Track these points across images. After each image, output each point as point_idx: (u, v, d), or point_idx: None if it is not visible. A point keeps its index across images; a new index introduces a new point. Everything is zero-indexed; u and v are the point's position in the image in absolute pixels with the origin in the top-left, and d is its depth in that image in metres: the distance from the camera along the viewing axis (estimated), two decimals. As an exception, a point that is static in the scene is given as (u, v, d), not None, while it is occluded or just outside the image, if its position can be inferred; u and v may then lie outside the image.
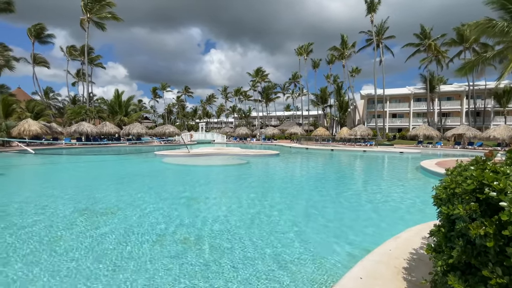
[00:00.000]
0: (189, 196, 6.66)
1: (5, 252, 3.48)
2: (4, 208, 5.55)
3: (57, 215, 5.07)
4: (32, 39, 38.65)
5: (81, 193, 7.06)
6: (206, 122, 70.54)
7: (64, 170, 12.38)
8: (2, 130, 22.85)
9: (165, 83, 74.85)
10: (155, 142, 32.83)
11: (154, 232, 4.20)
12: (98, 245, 3.72)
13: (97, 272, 2.99)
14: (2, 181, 8.76)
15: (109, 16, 34.87)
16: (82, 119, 31.85)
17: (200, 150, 19.13)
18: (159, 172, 11.70)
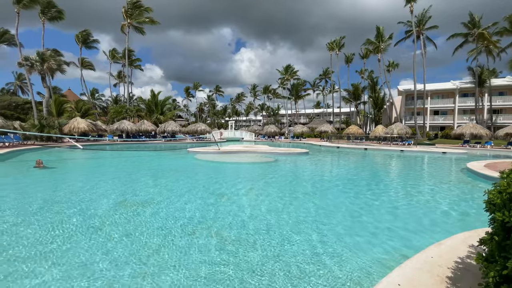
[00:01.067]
0: (220, 192, 6.86)
1: (66, 231, 3.92)
2: (56, 196, 6.24)
3: (101, 204, 5.57)
4: (79, 45, 42.57)
5: (122, 185, 7.66)
6: (235, 120, 71.75)
7: (107, 164, 13.49)
8: (55, 128, 25.58)
9: (197, 83, 77.65)
10: (188, 140, 34.27)
11: (187, 224, 4.41)
12: (135, 231, 4.02)
13: (134, 254, 3.24)
14: (55, 173, 9.84)
15: (147, 21, 37.06)
16: (123, 118, 34.40)
17: (230, 148, 19.55)
18: (192, 168, 12.21)
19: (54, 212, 5.07)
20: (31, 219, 4.66)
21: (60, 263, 3.12)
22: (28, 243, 3.65)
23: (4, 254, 3.32)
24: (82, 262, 3.15)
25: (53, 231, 4.09)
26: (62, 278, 2.83)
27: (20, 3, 28.00)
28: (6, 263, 3.11)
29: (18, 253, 3.36)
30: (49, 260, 3.19)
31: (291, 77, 53.10)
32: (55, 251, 3.42)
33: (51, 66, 29.15)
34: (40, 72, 29.20)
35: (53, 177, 8.84)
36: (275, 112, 71.20)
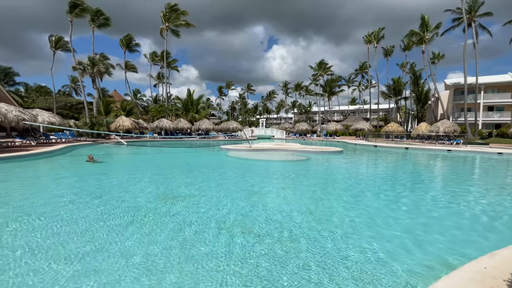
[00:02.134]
0: (252, 189, 6.95)
1: (112, 219, 4.33)
2: (104, 187, 6.88)
3: (144, 196, 6.01)
4: (123, 49, 46.10)
5: (162, 179, 8.19)
6: (266, 118, 71.87)
7: (149, 159, 14.50)
8: (104, 125, 28.16)
9: (230, 82, 79.24)
10: (220, 137, 35.26)
11: (222, 219, 4.56)
12: (171, 223, 4.26)
13: (171, 244, 3.44)
14: (104, 166, 10.84)
15: (183, 23, 38.77)
16: (162, 116, 36.62)
17: (261, 145, 19.68)
18: (224, 164, 12.56)
19: (103, 201, 5.60)
20: (89, 204, 5.21)
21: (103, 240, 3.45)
22: (89, 221, 4.09)
23: (76, 226, 3.77)
24: (126, 243, 3.44)
25: (103, 215, 4.53)
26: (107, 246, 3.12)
27: (73, 13, 31.22)
28: (80, 230, 3.53)
29: (85, 226, 3.79)
30: (100, 233, 3.55)
31: (324, 73, 51.30)
32: (100, 231, 3.79)
33: (100, 69, 32.06)
34: (91, 75, 32.30)
35: (103, 171, 9.76)
36: (307, 110, 69.73)
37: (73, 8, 31.23)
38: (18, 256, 3.19)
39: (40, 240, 3.62)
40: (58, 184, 7.54)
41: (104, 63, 33.41)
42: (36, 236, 3.76)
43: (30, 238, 3.69)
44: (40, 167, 10.73)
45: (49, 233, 3.88)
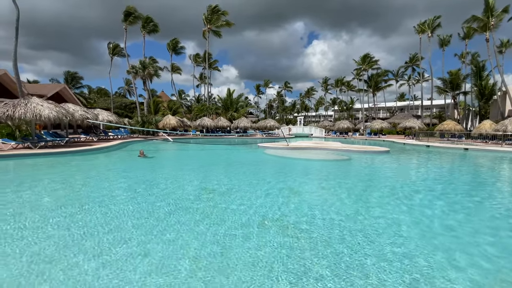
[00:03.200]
0: (289, 188, 6.89)
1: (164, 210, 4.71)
2: (153, 180, 7.49)
3: (188, 188, 6.40)
4: (170, 52, 49.31)
5: (204, 174, 8.61)
6: (304, 116, 70.50)
7: (192, 155, 15.37)
8: (153, 123, 30.62)
9: (268, 80, 79.36)
10: (258, 135, 35.64)
11: (260, 215, 4.62)
12: (211, 215, 4.45)
13: (213, 237, 3.60)
14: (153, 161, 11.80)
15: (224, 23, 39.97)
16: (204, 115, 38.40)
17: (298, 144, 19.37)
18: (262, 162, 12.68)
19: (153, 193, 6.12)
20: (141, 194, 5.76)
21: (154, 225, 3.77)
22: (144, 209, 4.53)
23: (133, 212, 4.23)
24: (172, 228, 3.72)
25: (155, 204, 4.96)
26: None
27: (127, 21, 34.52)
28: (136, 216, 3.95)
29: (138, 212, 4.21)
30: (151, 218, 3.89)
31: (369, 67, 48.01)
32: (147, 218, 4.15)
33: (150, 72, 34.88)
34: (142, 77, 35.36)
35: (152, 165, 10.65)
36: (349, 106, 66.40)
37: (127, 16, 34.49)
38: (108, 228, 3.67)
39: (120, 218, 4.11)
40: (117, 175, 8.46)
41: (153, 66, 36.24)
42: (117, 214, 4.28)
43: (110, 215, 4.22)
44: (101, 160, 12.15)
45: (126, 213, 4.39)
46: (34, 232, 3.78)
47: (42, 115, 13.72)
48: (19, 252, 3.19)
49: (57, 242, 3.46)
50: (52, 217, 4.37)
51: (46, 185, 6.91)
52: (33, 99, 14.23)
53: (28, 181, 7.30)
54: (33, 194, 5.94)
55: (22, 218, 4.32)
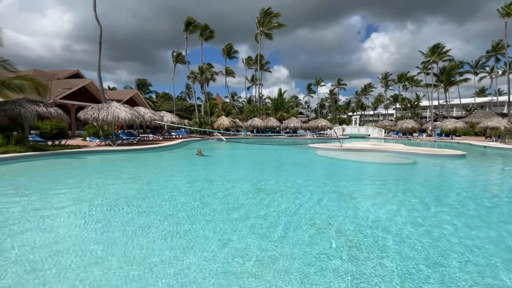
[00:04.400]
0: (341, 191, 6.56)
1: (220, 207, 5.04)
2: (211, 177, 8.01)
3: (240, 186, 6.67)
4: (224, 56, 51.97)
5: (256, 173, 8.85)
6: (360, 115, 65.81)
7: (243, 154, 15.94)
8: (209, 124, 32.76)
9: (319, 78, 76.89)
10: (308, 135, 34.82)
11: (309, 216, 4.53)
12: (261, 213, 4.54)
13: (259, 233, 3.67)
14: (209, 159, 12.62)
15: (276, 25, 40.25)
16: (255, 116, 39.39)
17: (353, 145, 18.22)
18: (313, 163, 12.37)
19: (211, 188, 6.57)
20: (199, 190, 6.26)
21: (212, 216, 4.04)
22: (200, 202, 4.94)
23: (194, 203, 4.68)
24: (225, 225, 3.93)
25: (211, 198, 5.33)
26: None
27: (187, 30, 37.67)
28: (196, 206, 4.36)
29: (200, 202, 4.62)
30: (206, 208, 4.19)
31: (440, 58, 41.85)
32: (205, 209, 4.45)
33: (207, 76, 37.43)
34: (200, 82, 38.18)
35: (209, 163, 11.43)
36: (413, 104, 59.45)
37: (187, 26, 37.66)
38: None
39: (191, 207, 4.61)
40: (179, 171, 9.35)
41: (210, 71, 38.80)
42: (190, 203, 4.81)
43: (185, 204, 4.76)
44: (166, 156, 13.58)
45: (194, 205, 4.89)
46: (129, 201, 4.46)
47: (120, 117, 16.03)
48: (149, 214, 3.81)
49: (157, 206, 4.02)
50: (143, 197, 5.10)
51: (126, 175, 8.08)
52: (112, 104, 16.74)
53: (119, 170, 8.64)
54: (123, 179, 7.01)
55: (129, 192, 5.16)
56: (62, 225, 4.04)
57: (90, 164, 10.66)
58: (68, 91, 24.48)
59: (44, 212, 4.61)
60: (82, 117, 15.89)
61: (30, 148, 11.45)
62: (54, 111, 13.28)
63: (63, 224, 4.10)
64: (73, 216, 4.42)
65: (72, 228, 3.94)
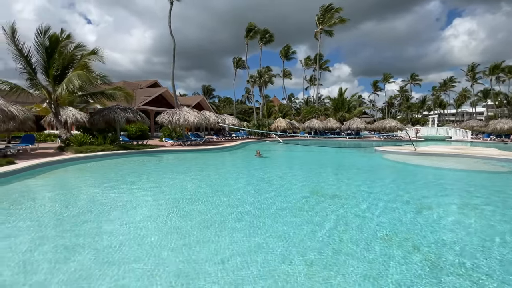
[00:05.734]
0: (416, 202, 5.80)
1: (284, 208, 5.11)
2: (266, 179, 8.14)
3: (299, 188, 6.59)
4: (282, 58, 52.18)
5: (314, 176, 8.62)
6: (438, 114, 57.19)
7: (301, 156, 15.70)
8: (266, 126, 33.39)
9: (388, 74, 69.84)
10: (373, 137, 32.04)
11: (376, 226, 4.15)
12: (321, 221, 4.36)
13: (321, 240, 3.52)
14: (268, 160, 12.85)
15: (337, 21, 38.44)
16: (313, 117, 38.36)
17: (430, 149, 15.91)
18: (379, 168, 11.31)
19: (269, 190, 6.69)
20: (264, 188, 6.47)
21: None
22: (274, 201, 5.12)
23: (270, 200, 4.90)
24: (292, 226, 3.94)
25: (278, 196, 5.44)
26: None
27: (248, 36, 39.20)
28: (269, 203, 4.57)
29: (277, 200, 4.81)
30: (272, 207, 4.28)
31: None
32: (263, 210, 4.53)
33: (265, 80, 38.30)
34: (258, 85, 39.32)
35: (267, 164, 11.67)
36: (511, 100, 48.57)
37: (248, 32, 39.25)
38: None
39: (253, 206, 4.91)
40: (240, 172, 9.83)
41: (268, 74, 39.63)
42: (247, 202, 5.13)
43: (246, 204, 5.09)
44: (228, 157, 14.43)
45: (248, 206, 5.17)
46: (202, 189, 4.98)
47: (189, 121, 17.77)
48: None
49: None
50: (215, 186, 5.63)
51: (197, 171, 8.94)
52: (183, 109, 18.66)
53: (193, 166, 9.69)
54: (196, 175, 7.83)
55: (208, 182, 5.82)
56: (154, 204, 4.77)
57: (165, 161, 12.13)
58: (148, 98, 28.44)
59: (140, 192, 6.19)
60: (159, 120, 18.26)
61: (120, 147, 13.70)
62: (138, 116, 15.60)
63: (155, 203, 4.88)
64: (160, 195, 5.57)
65: (161, 202, 5.07)
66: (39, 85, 13.15)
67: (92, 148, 12.43)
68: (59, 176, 8.22)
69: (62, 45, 13.15)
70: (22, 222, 4.27)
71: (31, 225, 4.18)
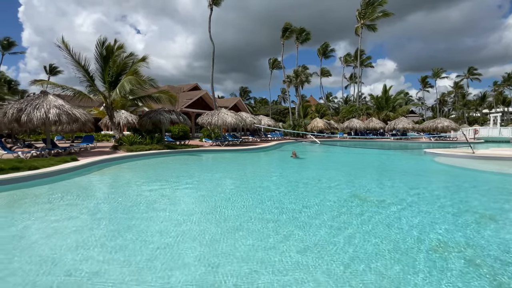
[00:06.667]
0: (476, 211, 5.13)
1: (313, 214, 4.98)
2: (305, 180, 7.96)
3: (337, 192, 6.32)
4: (320, 57, 50.77)
5: (354, 179, 8.18)
6: (501, 112, 50.05)
7: (339, 158, 15.07)
8: (302, 126, 32.78)
9: (439, 68, 63.13)
10: (422, 139, 29.34)
11: (426, 235, 3.76)
12: (363, 226, 4.09)
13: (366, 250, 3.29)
14: (304, 162, 12.60)
15: (380, 15, 36.07)
16: (353, 116, 36.57)
17: (492, 151, 13.98)
18: (430, 172, 10.31)
19: (304, 191, 6.56)
20: (293, 191, 6.39)
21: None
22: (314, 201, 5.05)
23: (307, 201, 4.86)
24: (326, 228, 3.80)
25: (301, 200, 5.32)
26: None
27: (284, 36, 38.94)
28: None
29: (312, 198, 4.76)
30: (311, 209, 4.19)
31: None
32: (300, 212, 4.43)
33: (302, 79, 37.65)
34: (294, 85, 38.81)
35: (304, 165, 11.45)
36: None
37: (284, 32, 39.01)
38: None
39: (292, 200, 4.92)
40: (274, 172, 9.83)
41: (305, 73, 38.86)
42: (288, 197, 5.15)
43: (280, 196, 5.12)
44: (264, 157, 14.52)
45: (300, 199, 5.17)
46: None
47: (227, 122, 18.32)
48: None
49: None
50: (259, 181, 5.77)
51: (236, 169, 9.19)
52: (222, 110, 19.30)
53: (231, 165, 10.03)
54: (236, 170, 8.09)
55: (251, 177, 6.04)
56: (200, 195, 5.08)
57: (205, 160, 12.69)
58: (189, 101, 30.05)
59: (187, 185, 6.90)
60: (200, 122, 19.17)
61: (165, 146, 14.69)
62: (181, 118, 16.57)
63: (201, 195, 5.24)
64: (204, 189, 5.94)
65: (206, 194, 5.42)
66: (97, 90, 14.78)
67: (141, 147, 13.56)
68: (114, 172, 9.16)
69: (115, 54, 14.61)
70: (86, 209, 5.07)
71: (94, 208, 5.02)
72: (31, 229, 4.06)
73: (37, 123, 10.75)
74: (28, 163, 7.97)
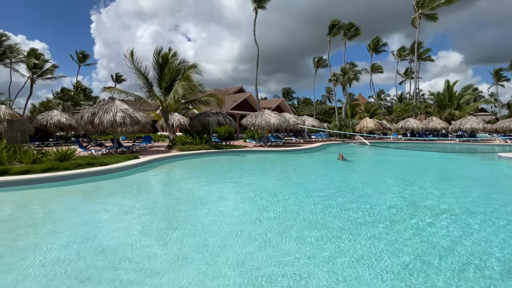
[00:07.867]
0: None
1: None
2: (355, 184, 7.51)
3: (388, 199, 5.80)
4: (370, 52, 47.50)
5: (410, 185, 7.43)
6: None
7: (393, 162, 13.85)
8: (350, 127, 31.03)
9: (519, 59, 53.26)
10: (496, 140, 25.18)
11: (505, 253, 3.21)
12: (423, 240, 3.66)
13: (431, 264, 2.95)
14: (353, 165, 11.91)
15: (442, 2, 32.17)
16: (409, 116, 33.29)
17: None
18: (506, 179, 8.78)
19: (352, 198, 6.20)
20: (339, 196, 6.11)
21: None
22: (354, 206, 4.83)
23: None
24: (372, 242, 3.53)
25: (353, 210, 5.03)
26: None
27: (331, 33, 37.51)
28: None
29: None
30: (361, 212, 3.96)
31: None
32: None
33: (350, 77, 35.72)
34: (342, 83, 37.02)
35: (352, 169, 10.85)
36: None
37: (331, 29, 37.62)
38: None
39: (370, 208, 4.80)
40: (320, 176, 9.53)
41: (353, 71, 36.75)
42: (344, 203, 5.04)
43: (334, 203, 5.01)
44: (308, 159, 14.21)
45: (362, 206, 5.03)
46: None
47: (270, 123, 18.43)
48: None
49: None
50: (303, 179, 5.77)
51: (279, 172, 9.24)
52: (265, 111, 19.49)
53: (274, 166, 10.17)
54: (283, 170, 8.18)
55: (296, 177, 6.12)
56: (246, 190, 5.31)
57: (249, 160, 12.99)
58: (234, 103, 31.11)
59: (234, 182, 7.04)
60: (244, 123, 19.68)
61: (213, 147, 15.48)
62: (227, 119, 17.27)
63: (247, 189, 5.47)
64: (250, 185, 5.95)
65: (256, 186, 5.42)
66: (155, 95, 16.33)
67: (192, 147, 14.56)
68: (169, 169, 10.09)
69: (170, 62, 15.95)
70: (148, 200, 5.71)
71: (153, 201, 5.68)
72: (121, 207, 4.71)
73: (106, 125, 12.41)
74: (99, 159, 9.23)
